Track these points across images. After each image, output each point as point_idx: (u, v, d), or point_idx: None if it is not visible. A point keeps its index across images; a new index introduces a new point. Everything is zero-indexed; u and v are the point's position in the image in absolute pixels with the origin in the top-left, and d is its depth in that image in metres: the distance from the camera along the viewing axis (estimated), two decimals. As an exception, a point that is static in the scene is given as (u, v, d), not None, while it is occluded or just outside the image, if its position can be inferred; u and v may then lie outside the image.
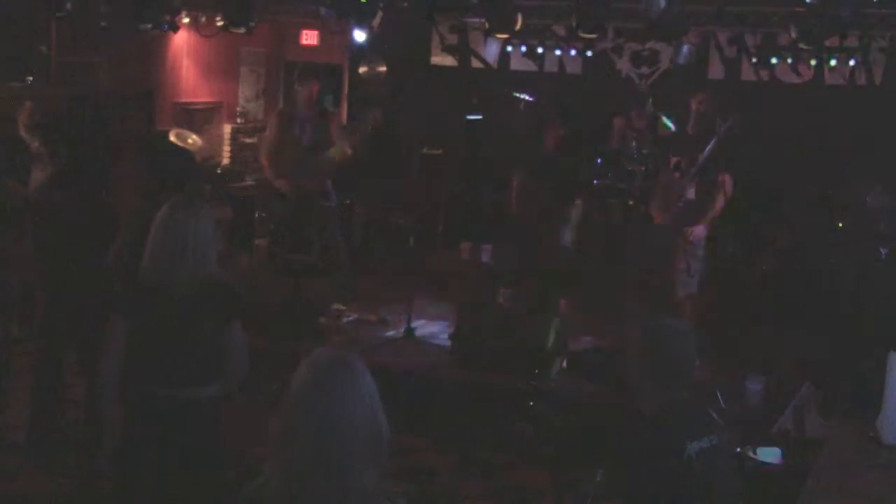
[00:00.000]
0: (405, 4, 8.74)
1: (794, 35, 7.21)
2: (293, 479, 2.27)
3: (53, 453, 5.57)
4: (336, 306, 7.80)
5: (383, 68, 11.16)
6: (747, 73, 10.13)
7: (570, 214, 8.31)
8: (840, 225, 8.09)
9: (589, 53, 10.66)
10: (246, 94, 12.00)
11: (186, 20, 10.01)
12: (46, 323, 5.79)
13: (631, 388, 3.18)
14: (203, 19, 10.19)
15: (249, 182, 10.93)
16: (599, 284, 9.00)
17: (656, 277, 7.75)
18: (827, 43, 8.29)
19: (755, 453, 4.99)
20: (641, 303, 7.64)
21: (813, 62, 9.60)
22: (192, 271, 3.69)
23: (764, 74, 9.95)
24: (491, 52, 11.35)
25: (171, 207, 3.77)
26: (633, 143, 9.26)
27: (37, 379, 5.75)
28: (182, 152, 9.83)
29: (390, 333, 7.41)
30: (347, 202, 9.74)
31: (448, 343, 7.01)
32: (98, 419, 5.24)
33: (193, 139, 10.21)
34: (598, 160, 10.26)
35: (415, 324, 7.33)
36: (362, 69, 11.23)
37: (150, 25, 9.13)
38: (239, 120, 11.84)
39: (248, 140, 11.81)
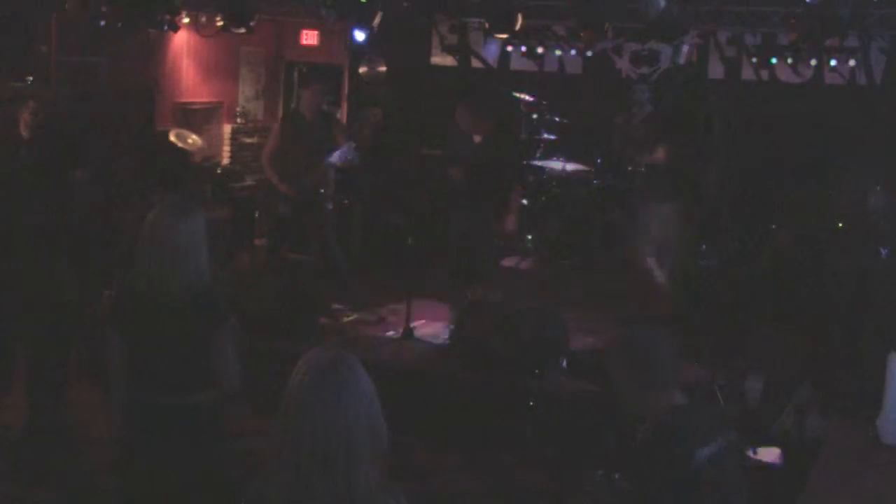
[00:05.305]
0: (405, 4, 8.75)
1: (794, 35, 7.22)
2: (297, 479, 2.27)
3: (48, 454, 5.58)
4: (336, 306, 7.80)
5: (383, 68, 11.16)
6: (747, 73, 10.14)
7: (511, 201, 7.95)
8: (840, 225, 8.09)
9: (589, 53, 10.66)
10: (246, 94, 12.00)
11: (186, 20, 10.02)
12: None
13: (625, 399, 3.13)
14: (203, 19, 10.20)
15: (249, 182, 10.93)
16: (599, 285, 9.03)
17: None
18: (827, 43, 8.30)
19: (755, 453, 5.00)
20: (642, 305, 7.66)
21: (813, 62, 9.60)
22: (184, 279, 3.60)
23: (764, 74, 9.95)
24: (491, 52, 11.35)
25: (160, 212, 3.67)
26: (628, 150, 9.23)
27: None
28: (178, 152, 9.85)
29: (390, 333, 7.41)
30: (347, 202, 9.74)
31: (448, 343, 7.00)
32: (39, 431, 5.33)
33: (193, 139, 10.21)
34: (599, 160, 10.29)
35: (415, 324, 7.32)
36: (362, 69, 11.23)
37: (150, 25, 9.16)
38: (239, 120, 11.84)
39: (248, 140, 11.81)
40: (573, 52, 10.70)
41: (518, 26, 7.97)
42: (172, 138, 9.99)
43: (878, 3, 7.44)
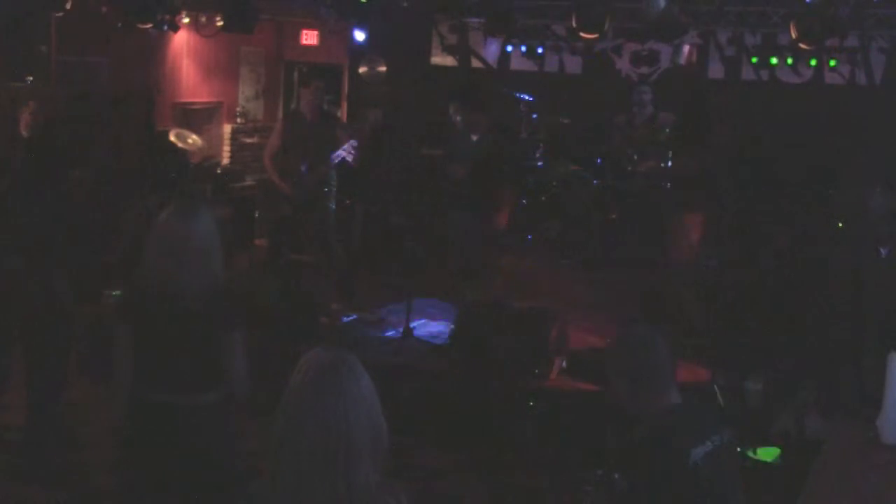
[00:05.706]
0: (405, 4, 8.75)
1: (794, 35, 7.22)
2: (297, 479, 2.27)
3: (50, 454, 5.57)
4: (336, 306, 7.80)
5: (383, 68, 11.17)
6: (747, 73, 10.14)
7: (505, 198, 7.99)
8: (840, 225, 8.10)
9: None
10: (246, 94, 12.00)
11: (186, 20, 10.02)
12: None
13: (622, 399, 3.14)
14: (203, 19, 10.20)
15: (249, 182, 10.94)
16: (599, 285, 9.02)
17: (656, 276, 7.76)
18: (827, 43, 8.31)
19: (755, 453, 5.00)
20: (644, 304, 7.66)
21: (813, 62, 9.60)
22: (196, 279, 3.58)
23: (764, 74, 9.95)
24: (491, 52, 11.36)
25: (171, 212, 3.64)
26: (628, 150, 9.22)
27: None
28: (178, 152, 9.86)
29: (390, 333, 7.41)
30: (348, 202, 9.74)
31: (448, 343, 7.01)
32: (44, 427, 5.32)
33: (193, 139, 10.21)
34: (599, 160, 10.28)
35: (414, 324, 7.32)
36: (362, 69, 11.24)
37: (150, 25, 9.16)
38: (239, 120, 11.84)
39: (248, 140, 11.82)
40: (573, 52, 10.72)
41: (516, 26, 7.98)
42: (172, 138, 9.99)
43: (878, 3, 7.45)
